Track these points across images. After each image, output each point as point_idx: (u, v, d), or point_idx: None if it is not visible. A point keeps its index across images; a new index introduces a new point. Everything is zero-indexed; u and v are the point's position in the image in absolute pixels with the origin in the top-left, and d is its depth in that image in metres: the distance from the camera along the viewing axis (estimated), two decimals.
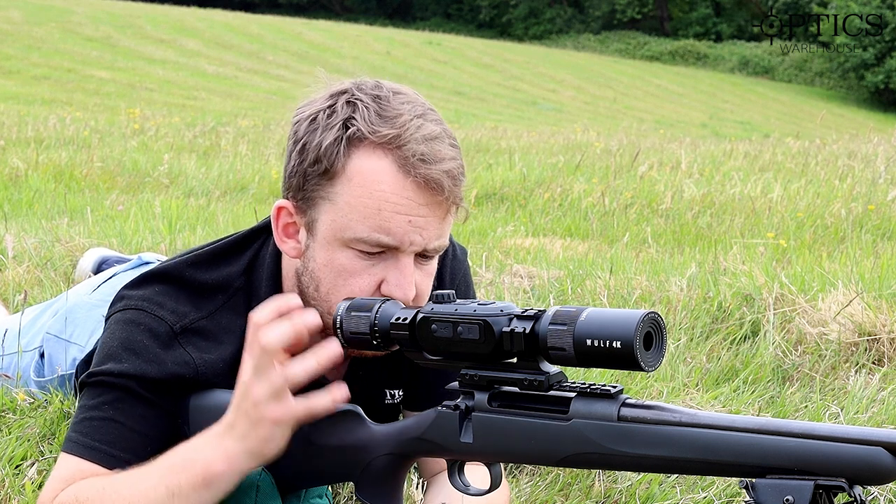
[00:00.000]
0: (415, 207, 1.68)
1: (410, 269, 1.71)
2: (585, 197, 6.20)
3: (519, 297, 3.51)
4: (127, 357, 1.77)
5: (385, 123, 1.68)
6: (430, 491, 1.94)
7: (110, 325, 1.84)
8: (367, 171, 1.68)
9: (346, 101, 1.71)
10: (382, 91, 1.72)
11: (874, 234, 5.20)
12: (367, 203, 1.68)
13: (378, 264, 1.72)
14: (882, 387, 2.70)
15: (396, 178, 1.67)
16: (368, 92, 1.72)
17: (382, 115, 1.69)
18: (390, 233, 1.68)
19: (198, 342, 1.81)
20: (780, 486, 1.34)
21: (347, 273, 1.72)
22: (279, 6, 47.44)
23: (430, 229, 1.70)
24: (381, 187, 1.67)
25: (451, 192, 1.69)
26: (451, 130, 1.74)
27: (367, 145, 1.68)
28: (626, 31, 47.20)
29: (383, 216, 1.67)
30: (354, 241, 1.70)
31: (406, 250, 1.70)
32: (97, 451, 1.74)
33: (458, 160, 1.71)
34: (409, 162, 1.67)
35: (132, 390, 1.76)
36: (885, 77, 37.17)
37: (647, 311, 1.41)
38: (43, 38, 24.65)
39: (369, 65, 28.51)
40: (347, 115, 1.70)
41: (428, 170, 1.67)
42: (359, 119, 1.69)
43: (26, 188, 6.12)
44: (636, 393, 2.62)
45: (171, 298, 1.83)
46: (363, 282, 1.72)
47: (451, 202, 1.70)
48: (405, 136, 1.67)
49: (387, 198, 1.67)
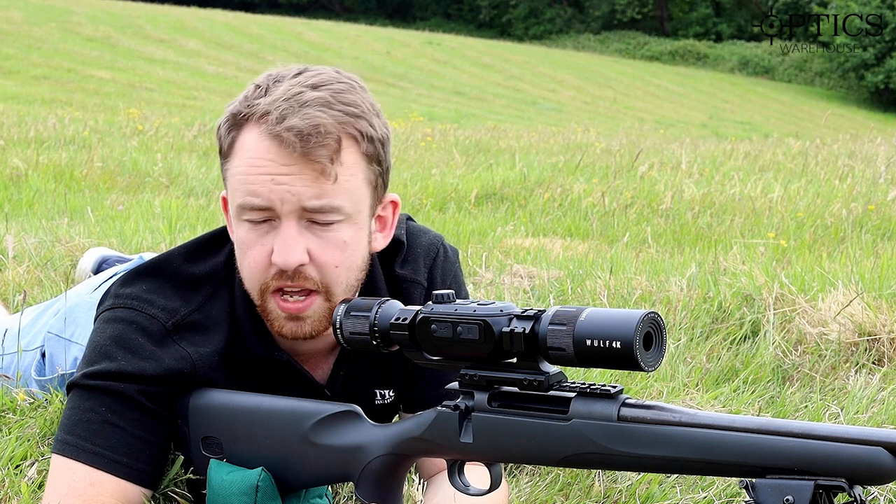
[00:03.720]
0: (276, 167, 1.71)
1: (291, 233, 1.73)
2: (585, 197, 6.20)
3: (519, 297, 3.51)
4: (122, 355, 1.77)
5: (261, 98, 1.74)
6: (430, 491, 1.94)
7: (100, 324, 1.84)
8: (244, 143, 1.75)
9: (249, 86, 1.79)
10: (288, 71, 1.79)
11: (874, 234, 5.20)
12: (240, 170, 1.74)
13: (267, 234, 1.75)
14: (882, 387, 2.70)
15: (259, 142, 1.72)
16: (276, 73, 1.79)
17: (269, 91, 1.75)
18: (257, 193, 1.72)
19: (191, 337, 1.81)
20: (780, 486, 1.34)
21: (245, 246, 1.78)
22: (279, 6, 47.42)
23: (297, 186, 1.71)
24: (249, 154, 1.73)
25: (305, 150, 1.70)
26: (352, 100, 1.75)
27: (248, 122, 1.75)
28: (626, 31, 47.18)
29: (250, 179, 1.73)
30: (239, 209, 1.75)
31: (280, 210, 1.72)
32: (102, 458, 1.73)
33: (320, 119, 1.70)
34: (269, 124, 1.71)
35: (129, 394, 1.75)
36: (885, 77, 37.16)
37: (647, 311, 1.41)
38: (43, 38, 24.64)
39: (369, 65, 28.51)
40: (241, 98, 1.78)
41: (280, 128, 1.70)
42: (242, 100, 1.77)
43: (26, 188, 6.11)
44: (636, 393, 2.62)
45: (161, 295, 1.84)
46: (256, 252, 1.77)
47: (313, 160, 1.70)
48: (274, 104, 1.72)
49: (252, 162, 1.73)
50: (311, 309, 1.78)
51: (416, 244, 2.00)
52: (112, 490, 1.73)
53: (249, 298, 1.85)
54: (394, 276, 1.96)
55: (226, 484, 1.76)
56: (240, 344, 1.85)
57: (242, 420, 1.78)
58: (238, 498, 1.74)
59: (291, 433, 1.75)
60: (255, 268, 1.77)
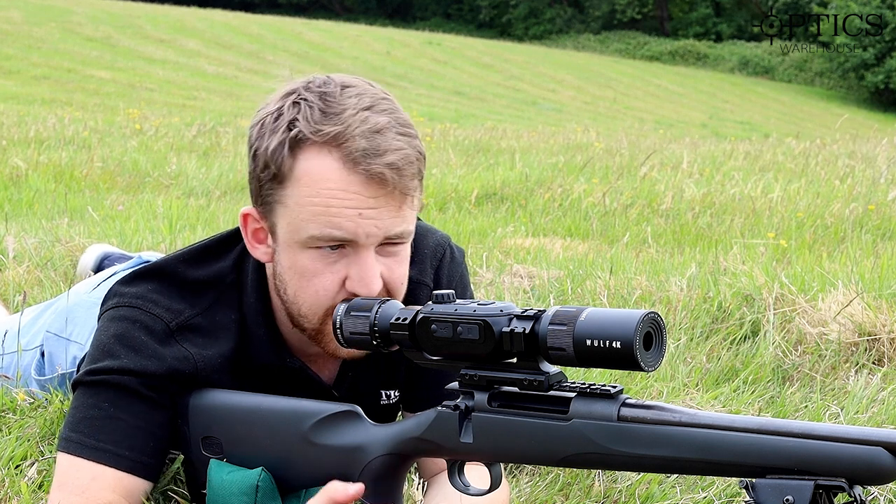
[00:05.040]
0: (363, 201, 1.68)
1: (371, 262, 1.71)
2: (586, 197, 6.20)
3: (519, 297, 3.51)
4: (125, 353, 1.77)
5: (328, 121, 1.68)
6: (430, 491, 1.94)
7: (104, 322, 1.83)
8: (313, 171, 1.68)
9: (292, 103, 1.72)
10: (330, 87, 1.72)
11: (874, 235, 5.20)
12: (315, 202, 1.68)
13: (339, 261, 1.72)
14: (882, 387, 2.70)
15: (341, 174, 1.67)
16: (315, 90, 1.72)
17: (327, 113, 1.69)
18: (342, 227, 1.68)
19: (194, 339, 1.81)
20: (780, 486, 1.34)
21: (310, 273, 1.73)
22: (279, 6, 47.42)
23: (384, 219, 1.69)
24: (328, 185, 1.67)
25: (399, 183, 1.68)
26: (405, 118, 1.74)
27: (311, 145, 1.69)
28: (626, 31, 47.18)
29: (332, 212, 1.68)
30: (310, 240, 1.70)
31: (364, 243, 1.70)
32: (104, 453, 1.74)
33: (405, 150, 1.69)
34: (353, 157, 1.67)
35: (131, 387, 1.76)
36: (885, 77, 37.16)
37: (647, 311, 1.41)
38: (43, 38, 24.64)
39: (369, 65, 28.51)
40: (292, 117, 1.70)
41: (371, 164, 1.66)
42: (301, 120, 1.69)
43: (26, 188, 6.11)
44: (636, 393, 2.62)
45: (165, 296, 1.83)
46: (326, 281, 1.73)
47: (400, 192, 1.69)
48: (348, 132, 1.67)
49: (334, 195, 1.67)
50: None
51: (422, 245, 2.00)
52: (114, 484, 1.74)
53: (263, 306, 1.84)
54: None
55: (226, 484, 1.76)
56: (248, 350, 1.85)
57: (242, 420, 1.78)
58: (238, 498, 1.74)
59: (291, 433, 1.75)
60: (323, 294, 1.73)
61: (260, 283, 1.85)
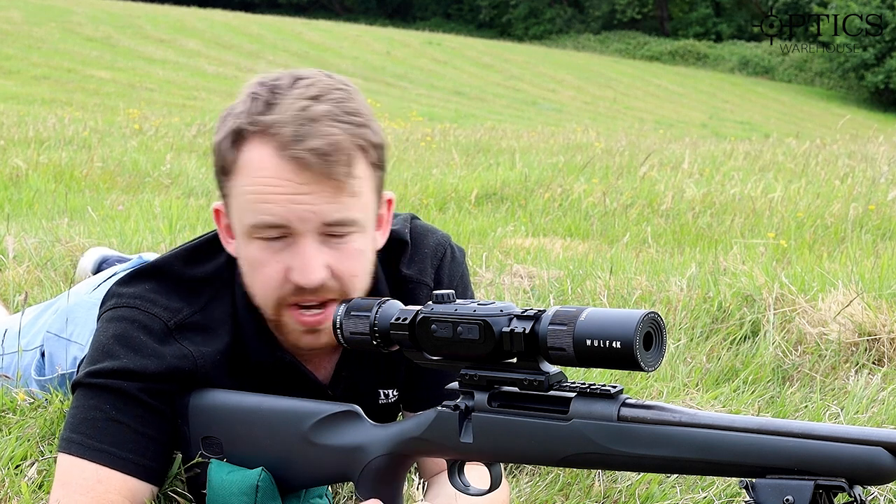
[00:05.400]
0: (295, 187, 1.69)
1: (310, 251, 1.72)
2: (586, 197, 6.20)
3: (519, 297, 3.51)
4: (125, 353, 1.77)
5: (267, 112, 1.71)
6: (430, 491, 1.94)
7: (102, 323, 1.84)
8: (251, 161, 1.72)
9: (244, 98, 1.76)
10: (282, 81, 1.75)
11: (874, 235, 5.20)
12: (251, 190, 1.72)
13: (283, 251, 1.74)
14: (882, 387, 2.70)
15: (273, 161, 1.70)
16: (268, 84, 1.75)
17: (270, 103, 1.72)
18: (273, 213, 1.70)
19: (193, 336, 1.82)
20: (780, 486, 1.34)
21: (258, 264, 1.76)
22: (279, 6, 47.42)
23: (318, 205, 1.70)
24: (262, 173, 1.70)
25: (324, 168, 1.68)
26: (355, 108, 1.74)
27: (251, 136, 1.72)
28: (626, 31, 47.17)
29: (265, 198, 1.70)
30: (251, 229, 1.73)
31: (300, 229, 1.71)
32: (108, 455, 1.74)
33: (335, 136, 1.69)
34: (282, 143, 1.69)
35: (131, 392, 1.76)
36: (885, 77, 37.16)
37: (647, 311, 1.41)
38: (43, 38, 24.64)
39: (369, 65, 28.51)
40: (238, 112, 1.74)
41: (296, 149, 1.68)
42: (244, 113, 1.73)
43: (27, 188, 6.11)
44: (636, 393, 2.62)
45: (163, 295, 1.84)
46: (271, 270, 1.75)
47: (331, 178, 1.69)
48: (281, 121, 1.70)
49: (267, 181, 1.70)
50: (329, 321, 1.77)
51: (423, 244, 2.00)
52: (119, 487, 1.74)
53: (250, 302, 1.85)
54: (400, 277, 1.95)
55: (226, 484, 1.76)
56: (243, 346, 1.85)
57: (242, 420, 1.79)
58: (238, 498, 1.74)
59: (291, 433, 1.75)
60: (270, 284, 1.76)
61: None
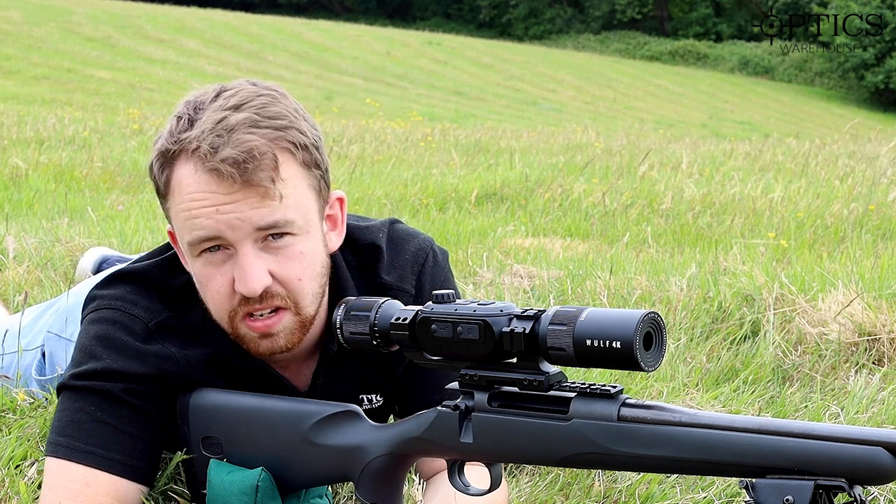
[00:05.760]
0: (218, 198, 1.69)
1: (248, 259, 1.71)
2: (586, 197, 6.20)
3: (519, 297, 3.51)
4: (107, 354, 1.78)
5: (187, 130, 1.71)
6: (430, 491, 1.94)
7: (85, 326, 1.85)
8: (179, 179, 1.72)
9: (171, 119, 1.76)
10: (206, 96, 1.75)
11: (874, 235, 5.20)
12: (182, 208, 1.72)
13: (224, 264, 1.74)
14: (882, 387, 2.70)
15: (196, 177, 1.70)
16: (193, 101, 1.75)
17: (192, 120, 1.72)
18: (203, 227, 1.70)
19: (173, 338, 1.83)
20: (780, 486, 1.34)
21: (205, 279, 1.76)
22: (279, 6, 47.42)
23: (245, 211, 1.69)
24: (189, 190, 1.71)
25: (242, 176, 1.68)
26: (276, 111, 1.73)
27: (177, 156, 1.73)
28: (626, 31, 47.18)
29: (193, 213, 1.71)
30: (189, 247, 1.74)
31: (234, 238, 1.71)
32: (95, 457, 1.74)
33: (250, 143, 1.68)
34: (202, 157, 1.69)
35: (115, 393, 1.76)
36: (885, 77, 37.16)
37: (647, 311, 1.41)
38: (43, 38, 24.64)
39: (369, 65, 28.52)
40: (161, 134, 1.75)
41: (211, 161, 1.68)
42: (167, 135, 1.74)
43: (26, 188, 6.11)
44: (636, 393, 2.62)
45: (143, 297, 1.85)
46: (216, 285, 1.75)
47: (253, 184, 1.68)
48: (199, 137, 1.70)
49: (193, 197, 1.70)
50: (282, 324, 1.78)
51: (403, 250, 1.98)
52: (108, 488, 1.74)
53: None
54: (379, 283, 1.94)
55: (226, 484, 1.76)
56: (220, 352, 1.86)
57: (242, 420, 1.79)
58: (238, 498, 1.74)
59: (291, 433, 1.75)
60: (219, 298, 1.76)
61: None
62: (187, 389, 1.83)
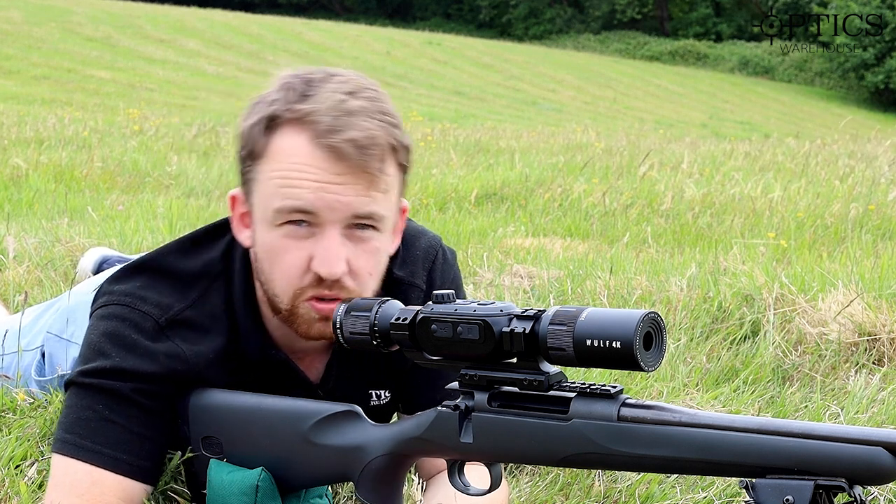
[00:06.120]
0: (327, 176, 1.69)
1: (335, 242, 1.71)
2: (586, 197, 6.20)
3: (519, 297, 3.51)
4: (116, 352, 1.77)
5: (303, 101, 1.72)
6: (430, 491, 1.94)
7: (94, 321, 1.83)
8: (283, 147, 1.72)
9: (278, 87, 1.76)
10: (317, 75, 1.76)
11: (874, 235, 5.20)
12: (281, 174, 1.71)
13: (307, 240, 1.73)
14: (882, 387, 2.70)
15: (307, 149, 1.70)
16: (303, 76, 1.76)
17: (305, 94, 1.73)
18: (302, 198, 1.69)
19: (185, 334, 1.81)
20: (780, 486, 1.34)
21: (280, 251, 1.74)
22: (279, 6, 47.42)
23: (349, 196, 1.70)
24: (294, 159, 1.70)
25: (360, 161, 1.69)
26: (388, 109, 1.75)
27: (284, 124, 1.72)
28: (626, 31, 47.18)
29: (294, 183, 1.70)
30: (276, 214, 1.72)
31: (328, 219, 1.71)
32: (102, 456, 1.74)
33: (373, 131, 1.70)
34: (320, 133, 1.69)
35: (124, 392, 1.75)
36: (885, 77, 37.16)
37: (647, 311, 1.41)
38: (43, 38, 24.64)
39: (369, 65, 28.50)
40: (272, 99, 1.74)
41: (333, 139, 1.68)
42: (280, 101, 1.73)
43: (27, 188, 6.12)
44: (636, 393, 2.62)
45: (154, 291, 1.83)
46: (293, 258, 1.74)
47: (365, 171, 1.70)
48: (320, 111, 1.70)
49: (298, 167, 1.70)
50: None
51: (414, 246, 1.99)
52: (114, 488, 1.74)
53: (248, 297, 1.84)
54: (392, 279, 1.94)
55: (226, 484, 1.76)
56: (236, 341, 1.85)
57: (242, 420, 1.78)
58: (238, 498, 1.74)
59: (291, 433, 1.75)
60: (290, 272, 1.74)
61: (246, 273, 1.86)
62: (195, 388, 1.83)
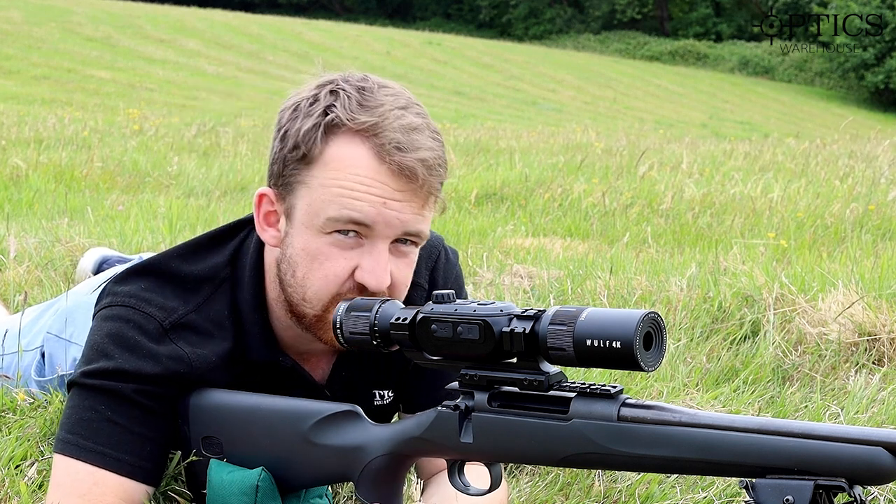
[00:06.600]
0: (389, 192, 1.70)
1: (385, 256, 1.72)
2: (586, 197, 6.20)
3: (519, 297, 3.51)
4: (120, 353, 1.76)
5: (364, 112, 1.71)
6: (429, 491, 1.94)
7: (97, 322, 1.83)
8: (343, 156, 1.71)
9: (329, 91, 1.75)
10: (367, 83, 1.76)
11: (874, 235, 5.20)
12: (341, 184, 1.70)
13: (354, 250, 1.73)
14: (882, 387, 2.70)
15: (371, 163, 1.70)
16: (353, 83, 1.75)
17: (363, 105, 1.72)
18: (363, 211, 1.69)
19: (188, 337, 1.81)
20: (780, 486, 1.34)
21: (323, 257, 1.74)
22: (279, 6, 47.42)
23: (406, 213, 1.71)
24: (356, 171, 1.70)
25: (426, 181, 1.71)
26: (434, 125, 1.77)
27: (345, 132, 1.71)
28: (626, 31, 47.18)
29: (356, 195, 1.70)
30: (327, 222, 1.71)
31: (381, 233, 1.71)
32: (104, 457, 1.73)
33: (436, 151, 1.73)
34: (385, 149, 1.69)
35: (126, 393, 1.75)
36: (885, 77, 37.16)
37: (647, 311, 1.41)
38: (43, 38, 24.64)
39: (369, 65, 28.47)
40: (328, 104, 1.73)
41: (403, 157, 1.69)
42: (339, 107, 1.72)
43: (27, 188, 6.11)
44: (636, 393, 2.62)
45: (158, 294, 1.83)
46: (337, 266, 1.73)
47: (426, 191, 1.72)
48: (383, 125, 1.70)
49: (361, 180, 1.70)
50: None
51: None
52: (115, 489, 1.74)
53: (257, 301, 1.84)
54: None
55: (226, 484, 1.76)
56: (242, 347, 1.84)
57: (242, 420, 1.78)
58: (238, 498, 1.74)
59: (291, 433, 1.75)
60: (330, 279, 1.74)
61: (256, 278, 1.85)
62: (202, 389, 1.82)
